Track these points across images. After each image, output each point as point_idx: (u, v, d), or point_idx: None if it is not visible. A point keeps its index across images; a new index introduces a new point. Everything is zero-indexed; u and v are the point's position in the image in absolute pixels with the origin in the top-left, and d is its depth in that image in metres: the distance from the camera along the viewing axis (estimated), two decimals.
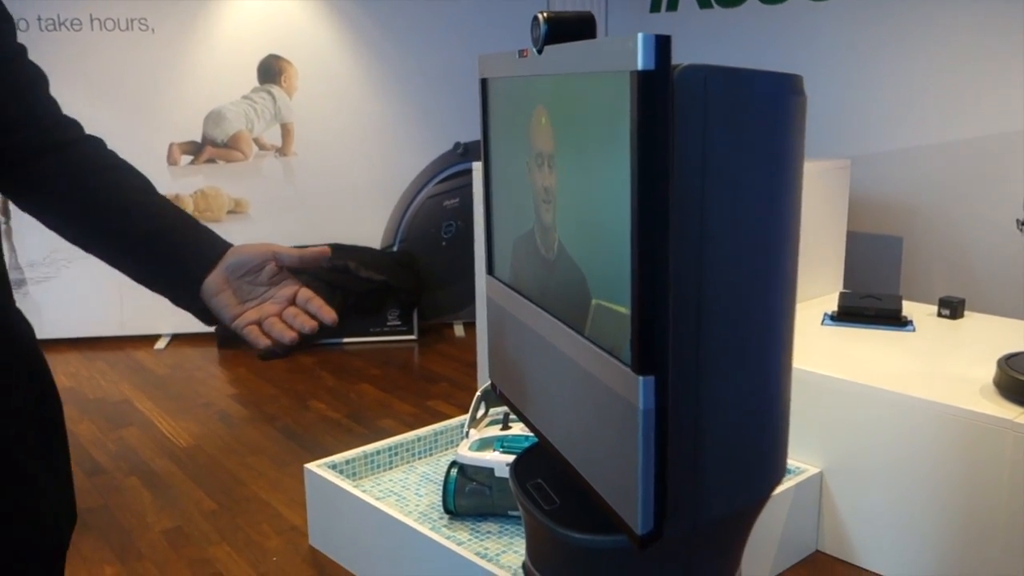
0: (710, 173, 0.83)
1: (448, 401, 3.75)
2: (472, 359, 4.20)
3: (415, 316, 4.63)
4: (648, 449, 0.81)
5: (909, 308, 2.98)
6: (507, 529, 2.34)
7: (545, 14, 0.94)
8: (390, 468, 2.70)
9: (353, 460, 2.61)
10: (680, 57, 0.75)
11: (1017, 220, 3.45)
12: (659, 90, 0.74)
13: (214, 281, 0.99)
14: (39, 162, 0.97)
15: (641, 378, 0.80)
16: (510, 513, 2.35)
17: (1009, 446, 2.08)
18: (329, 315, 0.98)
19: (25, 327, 0.99)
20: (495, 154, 1.17)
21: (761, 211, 0.88)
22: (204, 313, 1.02)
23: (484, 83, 1.17)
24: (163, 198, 1.03)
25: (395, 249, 4.78)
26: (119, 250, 1.00)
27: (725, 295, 0.88)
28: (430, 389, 3.91)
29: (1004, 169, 3.46)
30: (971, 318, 2.92)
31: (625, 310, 0.83)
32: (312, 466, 2.54)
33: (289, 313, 1.00)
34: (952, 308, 2.88)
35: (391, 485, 2.60)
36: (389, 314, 4.58)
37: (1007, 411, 2.13)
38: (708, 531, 0.97)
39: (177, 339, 4.66)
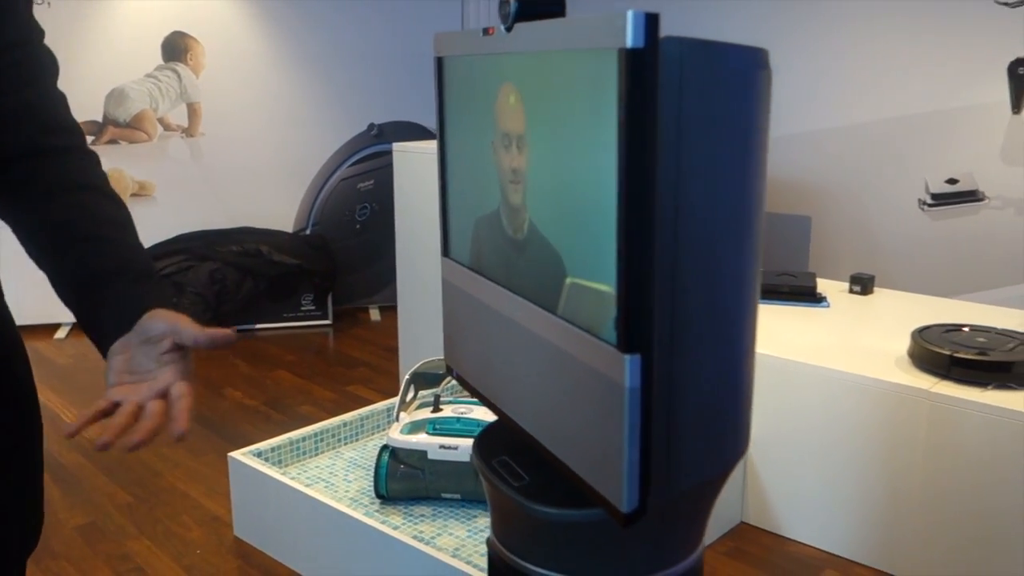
0: (685, 148, 0.83)
1: (368, 386, 3.71)
2: (390, 343, 4.16)
3: (329, 300, 4.55)
4: (633, 427, 0.81)
5: (822, 285, 3.08)
6: (440, 511, 2.33)
7: None
8: (316, 454, 2.65)
9: (279, 447, 2.56)
10: None
11: (919, 200, 3.60)
12: (648, 68, 0.74)
13: (121, 342, 0.90)
14: (20, 165, 0.89)
15: (627, 356, 0.80)
16: (443, 495, 2.34)
17: (925, 414, 2.18)
18: (180, 427, 0.84)
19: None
20: (452, 135, 1.15)
21: (734, 187, 0.89)
22: None
23: (440, 62, 1.15)
24: (127, 234, 0.94)
25: (308, 232, 4.69)
26: (60, 278, 0.92)
27: (699, 270, 0.88)
28: (349, 374, 3.86)
29: (906, 151, 3.61)
30: (880, 294, 3.04)
31: (605, 287, 0.83)
32: (236, 454, 2.48)
33: (149, 410, 0.86)
34: (863, 284, 3.00)
35: (318, 472, 2.55)
36: (303, 299, 4.49)
37: (922, 381, 2.22)
38: (679, 502, 0.98)
39: (79, 328, 4.47)
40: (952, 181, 3.52)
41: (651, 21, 0.73)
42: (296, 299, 4.46)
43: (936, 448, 2.18)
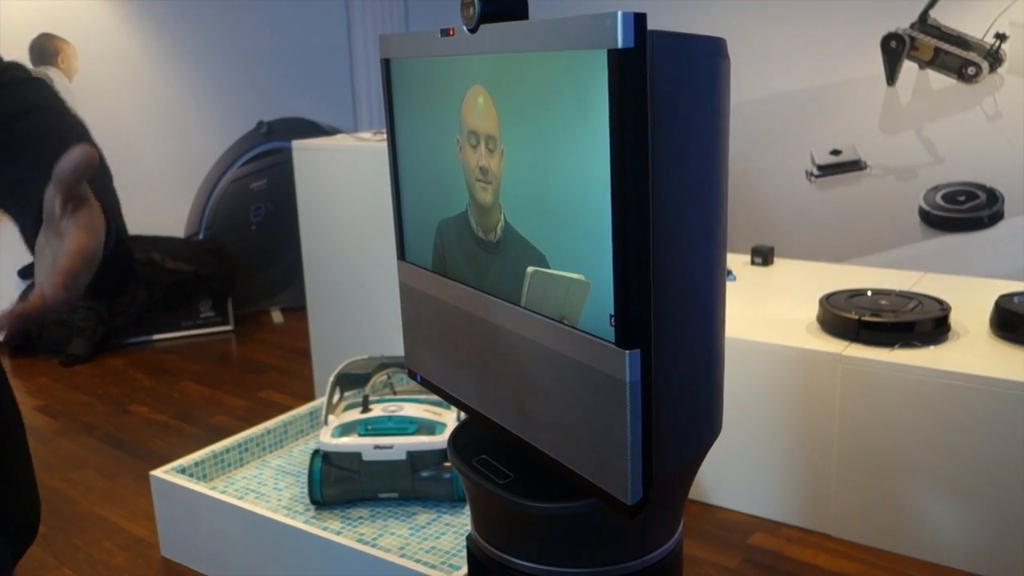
0: (657, 140, 0.84)
1: (280, 390, 3.64)
2: (298, 345, 4.08)
3: (230, 305, 4.43)
4: (636, 421, 0.83)
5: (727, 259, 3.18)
6: (378, 512, 2.31)
7: None
8: (241, 465, 2.59)
9: (202, 461, 2.48)
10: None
11: (806, 171, 3.76)
12: (639, 68, 0.76)
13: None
14: None
15: (628, 352, 0.82)
16: (380, 496, 2.32)
17: (838, 376, 2.29)
18: None
19: None
20: (404, 137, 1.14)
21: (703, 175, 0.92)
22: None
23: (387, 64, 1.14)
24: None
25: (201, 237, 4.54)
26: None
27: (674, 259, 0.90)
28: (258, 380, 3.77)
29: (792, 125, 3.76)
30: (780, 264, 3.17)
31: (577, 276, 0.85)
32: (158, 472, 2.40)
33: None
34: (764, 256, 3.11)
35: (246, 483, 2.49)
36: (201, 306, 4.36)
37: (833, 346, 2.33)
38: (662, 487, 1.01)
39: None
40: (836, 152, 3.69)
41: (640, 21, 0.74)
42: (194, 306, 4.33)
43: (850, 408, 2.30)
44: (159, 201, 4.41)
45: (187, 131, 4.40)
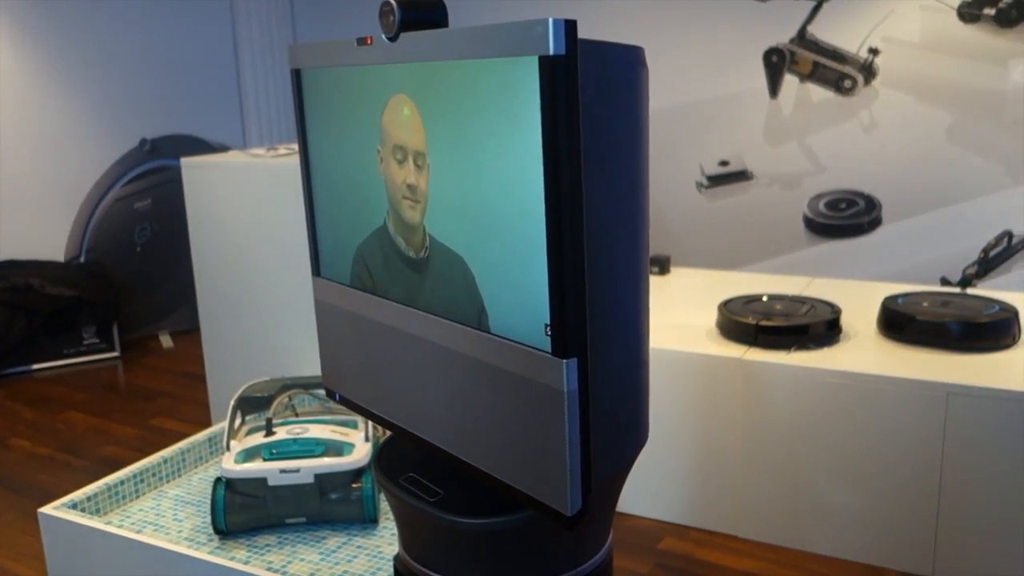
0: (584, 146, 0.84)
1: (173, 417, 3.50)
2: (190, 369, 3.94)
3: (115, 330, 4.24)
4: (574, 431, 0.82)
5: None
6: (285, 538, 2.24)
7: (395, 0, 0.91)
8: (137, 497, 2.47)
9: (95, 495, 2.35)
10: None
11: (696, 182, 3.86)
12: (570, 75, 0.75)
13: None
14: None
15: (565, 361, 0.81)
16: (287, 521, 2.25)
17: (739, 380, 2.35)
18: None
19: None
20: (317, 150, 1.11)
21: (627, 182, 0.92)
22: None
23: (297, 74, 1.11)
24: None
25: (83, 260, 4.34)
26: None
27: (602, 269, 0.91)
28: (149, 407, 3.62)
29: (680, 137, 3.86)
30: (677, 272, 3.24)
31: (523, 294, 0.84)
32: (47, 509, 2.26)
33: None
34: (661, 265, 3.18)
35: (143, 515, 2.38)
36: (84, 332, 4.16)
37: (733, 350, 2.40)
38: (597, 495, 1.01)
39: None
40: (724, 163, 3.80)
41: (570, 28, 0.74)
42: (77, 333, 4.12)
43: (751, 410, 2.36)
44: (35, 222, 4.19)
45: (65, 149, 4.20)
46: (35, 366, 4.07)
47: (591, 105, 0.83)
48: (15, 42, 4.04)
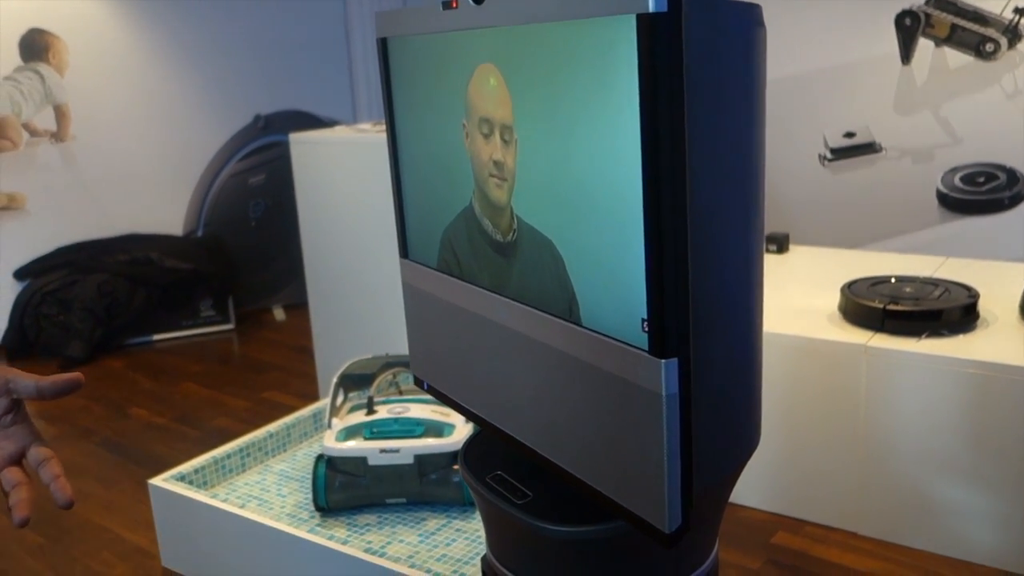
0: (689, 117, 0.74)
1: (284, 391, 3.55)
2: (301, 343, 4.00)
3: (230, 303, 4.34)
4: (673, 439, 0.73)
5: None
6: (385, 518, 2.22)
7: None
8: (243, 471, 2.50)
9: (202, 468, 2.39)
10: None
11: (819, 155, 3.65)
12: (673, 34, 0.66)
13: None
14: None
15: (664, 361, 0.72)
16: (387, 501, 2.23)
17: (864, 369, 2.19)
18: (64, 494, 0.73)
19: None
20: (404, 125, 1.04)
21: (739, 158, 0.82)
22: None
23: (384, 43, 1.04)
24: None
25: (200, 234, 4.45)
26: None
27: (710, 254, 0.81)
28: (261, 380, 3.68)
29: (803, 107, 3.65)
30: (796, 251, 3.06)
31: (625, 287, 0.75)
32: (157, 481, 2.31)
33: (9, 478, 0.76)
34: (779, 243, 3.01)
35: (248, 489, 2.40)
36: (201, 304, 4.26)
37: (857, 336, 2.23)
38: (699, 508, 0.91)
39: None
40: (849, 135, 3.58)
41: None
42: (194, 305, 4.23)
43: (875, 400, 2.20)
44: (155, 198, 4.31)
45: (182, 126, 4.31)
46: (155, 337, 4.20)
47: (697, 69, 0.72)
48: (138, 24, 4.14)
